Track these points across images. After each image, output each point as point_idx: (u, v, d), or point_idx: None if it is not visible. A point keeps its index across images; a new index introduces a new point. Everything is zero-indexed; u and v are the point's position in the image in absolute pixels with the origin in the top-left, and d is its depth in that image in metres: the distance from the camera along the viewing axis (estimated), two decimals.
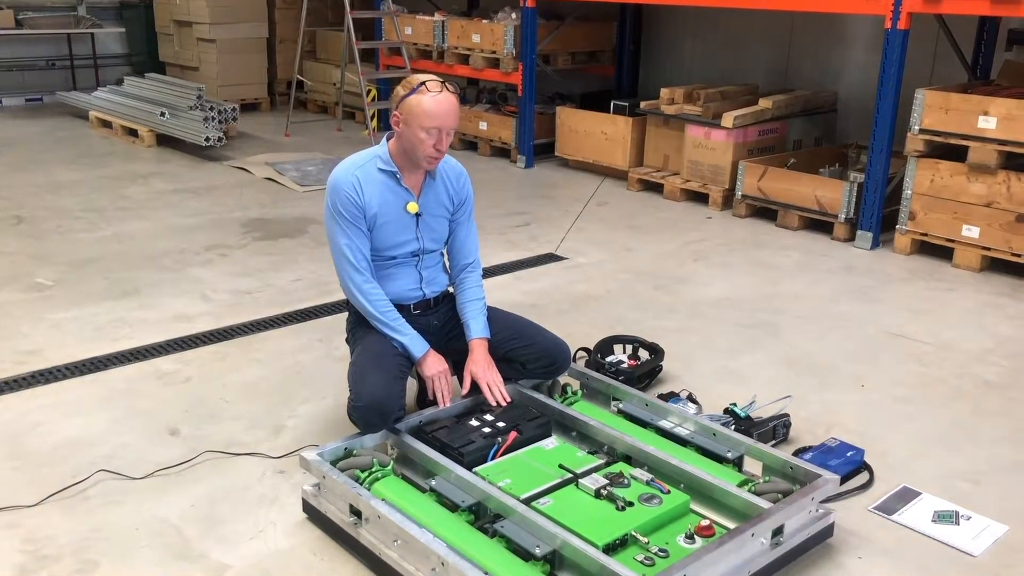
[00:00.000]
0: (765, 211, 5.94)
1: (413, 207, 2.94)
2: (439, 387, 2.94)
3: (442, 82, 2.81)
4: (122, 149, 7.80)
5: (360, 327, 3.02)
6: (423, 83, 2.79)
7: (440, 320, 3.12)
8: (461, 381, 3.02)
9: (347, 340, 3.15)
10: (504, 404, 2.93)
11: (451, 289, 3.18)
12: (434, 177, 2.98)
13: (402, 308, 3.00)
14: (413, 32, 8.08)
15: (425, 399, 3.09)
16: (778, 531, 2.42)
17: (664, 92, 6.46)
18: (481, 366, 2.96)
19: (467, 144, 7.96)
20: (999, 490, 2.88)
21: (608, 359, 3.54)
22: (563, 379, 3.21)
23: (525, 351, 3.04)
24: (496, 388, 2.94)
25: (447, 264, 3.20)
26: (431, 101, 2.76)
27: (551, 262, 5.08)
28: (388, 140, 2.94)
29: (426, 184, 2.98)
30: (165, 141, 7.86)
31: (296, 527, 2.61)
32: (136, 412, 3.28)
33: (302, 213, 5.96)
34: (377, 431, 2.76)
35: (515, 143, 7.50)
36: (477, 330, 3.01)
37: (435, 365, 2.95)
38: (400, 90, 2.85)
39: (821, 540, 2.55)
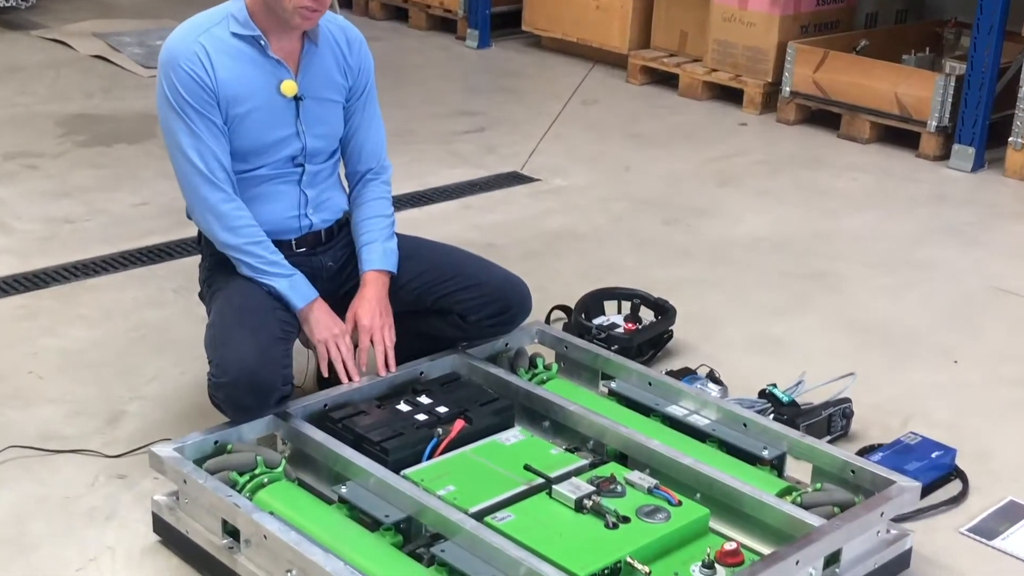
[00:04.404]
0: (824, 115, 6.00)
1: (290, 87, 2.89)
2: (335, 355, 2.92)
3: None
4: None
5: (220, 271, 3.00)
6: None
7: (336, 260, 3.12)
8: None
9: (201, 294, 3.14)
10: (386, 373, 2.95)
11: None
12: (316, 42, 2.93)
13: (279, 245, 2.97)
14: None
15: (323, 377, 3.09)
16: (833, 558, 2.48)
17: None
18: (370, 307, 2.95)
19: (394, 12, 7.92)
20: None
21: (596, 321, 3.59)
22: (531, 347, 3.25)
23: (464, 295, 3.04)
24: (384, 345, 2.95)
25: (343, 176, 3.19)
26: None
27: (515, 184, 5.11)
28: None
29: (306, 53, 2.94)
30: None
31: (143, 554, 2.63)
32: None
33: (148, 107, 5.85)
34: (254, 417, 2.76)
35: (463, 11, 7.46)
36: (374, 259, 3.00)
37: (326, 324, 2.94)
38: None
39: (893, 573, 2.62)
